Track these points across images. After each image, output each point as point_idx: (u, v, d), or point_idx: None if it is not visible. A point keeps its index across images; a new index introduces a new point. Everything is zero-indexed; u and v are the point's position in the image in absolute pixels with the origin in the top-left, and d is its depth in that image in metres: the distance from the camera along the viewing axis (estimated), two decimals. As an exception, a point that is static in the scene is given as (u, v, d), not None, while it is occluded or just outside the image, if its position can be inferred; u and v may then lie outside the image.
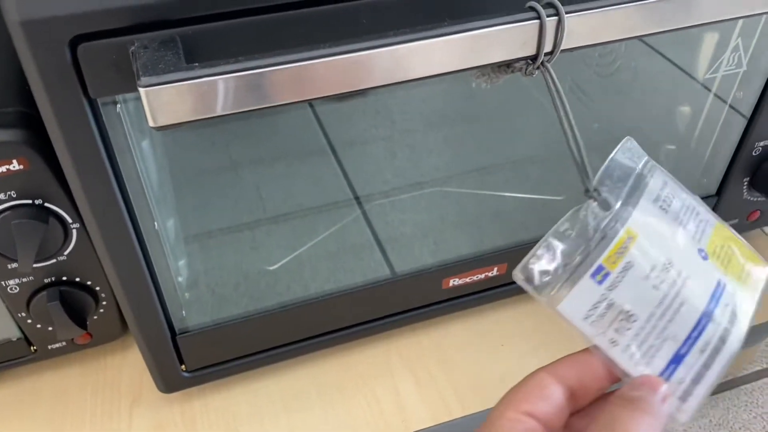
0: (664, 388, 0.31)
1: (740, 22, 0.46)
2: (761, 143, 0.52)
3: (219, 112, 0.29)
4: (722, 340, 0.34)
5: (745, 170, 0.54)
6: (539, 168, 0.63)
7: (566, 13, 0.31)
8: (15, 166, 0.39)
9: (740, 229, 0.59)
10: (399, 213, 0.61)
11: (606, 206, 0.34)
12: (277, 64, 0.29)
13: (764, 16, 0.44)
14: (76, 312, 0.46)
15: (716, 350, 0.33)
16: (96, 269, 0.46)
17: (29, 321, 0.47)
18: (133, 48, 0.29)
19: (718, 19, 0.35)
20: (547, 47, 0.32)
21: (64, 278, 0.45)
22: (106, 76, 0.31)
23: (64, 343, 0.50)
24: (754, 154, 0.52)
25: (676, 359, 0.33)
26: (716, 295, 0.34)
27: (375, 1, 0.32)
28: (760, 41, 0.47)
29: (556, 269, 0.33)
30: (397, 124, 0.64)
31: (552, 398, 0.31)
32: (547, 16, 0.31)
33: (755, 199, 0.56)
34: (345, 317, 0.53)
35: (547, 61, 0.32)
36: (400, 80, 0.31)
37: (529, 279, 0.33)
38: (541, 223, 0.56)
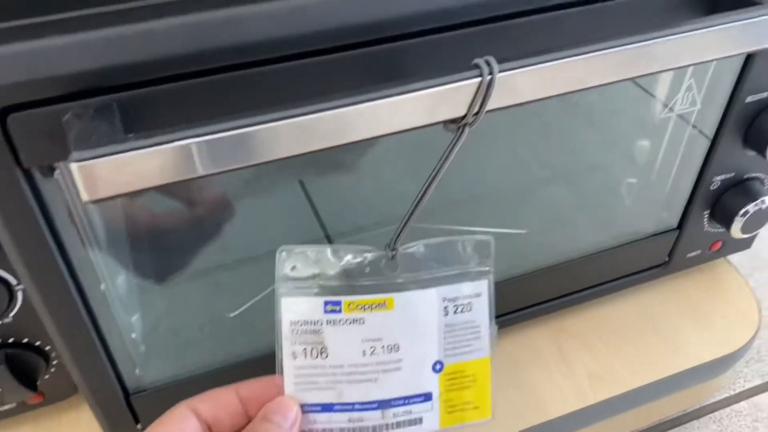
0: (294, 413, 0.35)
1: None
2: (719, 177, 0.52)
3: (156, 183, 0.28)
4: (374, 429, 0.36)
5: (704, 203, 0.54)
6: (503, 202, 0.63)
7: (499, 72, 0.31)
8: (-48, 230, 0.37)
9: (703, 259, 0.60)
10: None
11: (392, 268, 0.36)
12: (212, 133, 0.28)
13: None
14: (24, 373, 0.45)
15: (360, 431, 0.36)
16: (44, 328, 0.44)
17: (-24, 384, 0.45)
18: (66, 117, 0.28)
19: (659, 70, 0.34)
20: (475, 108, 0.31)
21: (11, 340, 0.44)
22: (39, 146, 0.29)
23: (14, 405, 0.48)
24: (712, 188, 0.52)
25: (326, 407, 0.36)
26: (409, 400, 0.37)
27: (310, 64, 0.31)
28: (712, 80, 0.47)
29: (311, 274, 0.35)
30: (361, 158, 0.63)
31: (188, 428, 0.33)
32: (473, 77, 0.31)
33: (716, 231, 0.56)
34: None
35: (470, 123, 0.32)
36: (342, 142, 0.30)
37: (283, 261, 0.35)
38: (507, 257, 0.56)
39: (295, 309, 0.35)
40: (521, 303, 0.57)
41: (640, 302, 0.60)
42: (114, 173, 0.27)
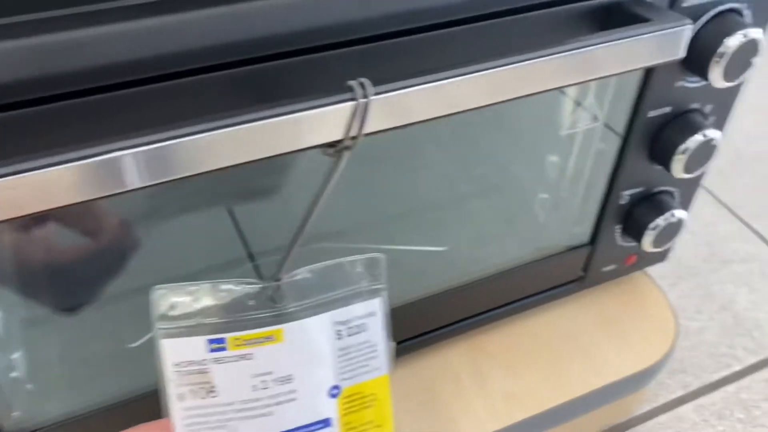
0: None
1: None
2: (627, 192, 0.52)
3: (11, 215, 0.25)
4: None
5: (616, 218, 0.54)
6: (422, 220, 0.62)
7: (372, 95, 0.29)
8: None
9: (619, 273, 0.59)
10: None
11: (278, 298, 0.35)
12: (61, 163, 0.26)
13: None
14: None
15: None
16: None
17: None
18: None
19: (546, 89, 0.33)
20: (353, 132, 0.30)
21: None
22: None
23: None
24: (621, 203, 0.52)
25: None
26: (309, 428, 0.36)
27: (172, 87, 0.30)
28: (615, 96, 0.46)
29: (191, 312, 0.33)
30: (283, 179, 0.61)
31: None
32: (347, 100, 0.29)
33: (629, 245, 0.56)
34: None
35: (349, 148, 0.30)
36: (206, 170, 0.29)
37: (160, 301, 0.33)
38: (426, 275, 0.55)
39: (178, 350, 0.34)
40: (438, 322, 0.55)
41: (558, 318, 0.59)
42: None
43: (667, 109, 0.47)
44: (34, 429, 0.42)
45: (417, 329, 0.54)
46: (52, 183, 0.26)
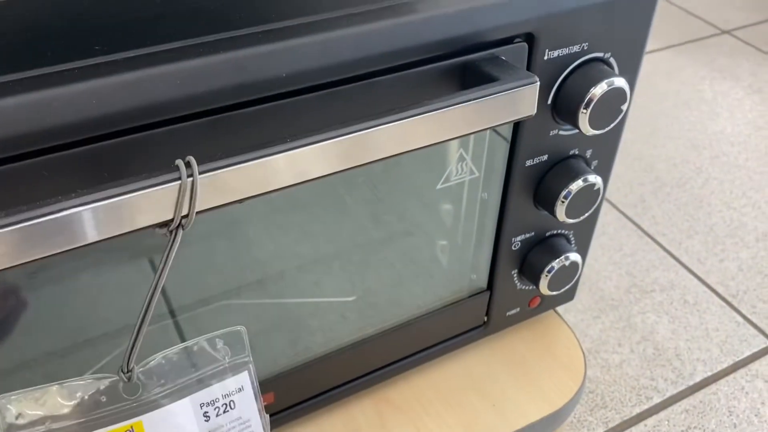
0: None
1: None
2: (518, 238, 0.52)
3: None
4: None
5: (512, 263, 0.54)
6: (327, 271, 0.61)
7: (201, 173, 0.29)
8: None
9: (525, 315, 0.59)
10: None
11: (133, 391, 0.33)
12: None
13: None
14: None
15: None
16: None
17: None
18: None
19: (380, 158, 0.33)
20: (184, 210, 0.29)
21: None
22: None
23: None
24: (514, 248, 0.52)
25: None
26: None
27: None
28: (490, 149, 0.47)
29: (39, 418, 0.32)
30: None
31: None
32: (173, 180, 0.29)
33: (529, 288, 0.56)
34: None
35: (182, 226, 0.30)
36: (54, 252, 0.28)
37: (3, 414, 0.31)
38: (330, 328, 0.54)
39: None
40: (342, 378, 0.55)
41: (465, 365, 0.59)
42: None
43: (544, 157, 0.47)
44: None
45: (317, 387, 0.53)
46: None
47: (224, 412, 0.35)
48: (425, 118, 0.33)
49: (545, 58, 0.42)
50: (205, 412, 0.35)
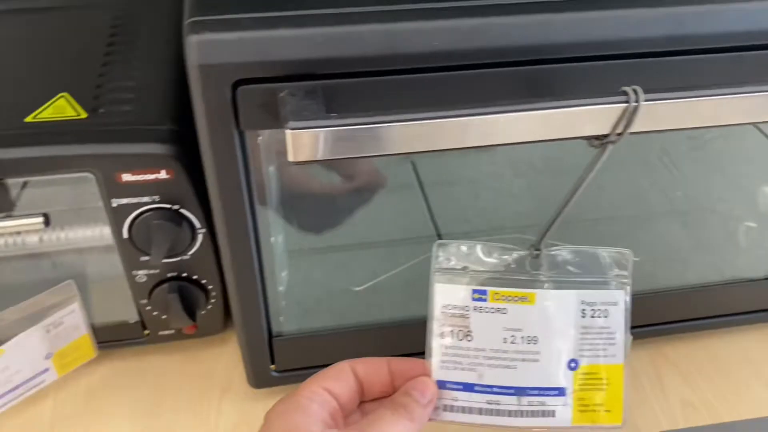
0: (431, 391, 0.39)
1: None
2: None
3: (346, 155, 0.34)
4: (509, 413, 0.40)
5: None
6: (613, 226, 0.66)
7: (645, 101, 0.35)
8: (162, 175, 0.46)
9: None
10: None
11: (535, 267, 0.40)
12: (392, 121, 0.34)
13: None
14: (188, 305, 0.53)
15: (497, 413, 0.40)
16: (211, 270, 0.52)
17: (148, 308, 0.54)
18: (282, 94, 0.35)
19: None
20: (619, 129, 0.36)
21: (184, 275, 0.52)
22: (255, 114, 0.37)
23: (172, 331, 0.57)
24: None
25: (467, 386, 0.40)
26: (544, 391, 0.40)
27: (483, 74, 0.37)
28: None
29: (463, 264, 0.40)
30: (483, 167, 0.68)
31: (347, 383, 0.39)
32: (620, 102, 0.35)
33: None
34: (415, 343, 0.57)
35: (612, 141, 0.36)
36: (500, 143, 0.36)
37: (438, 255, 0.40)
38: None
39: (447, 294, 0.40)
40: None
41: (744, 342, 0.61)
42: (318, 143, 0.34)
43: None
44: (284, 334, 0.52)
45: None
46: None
47: (598, 316, 0.40)
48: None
49: None
50: (583, 309, 0.40)
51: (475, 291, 0.40)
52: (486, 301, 0.40)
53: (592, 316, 0.40)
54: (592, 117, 0.36)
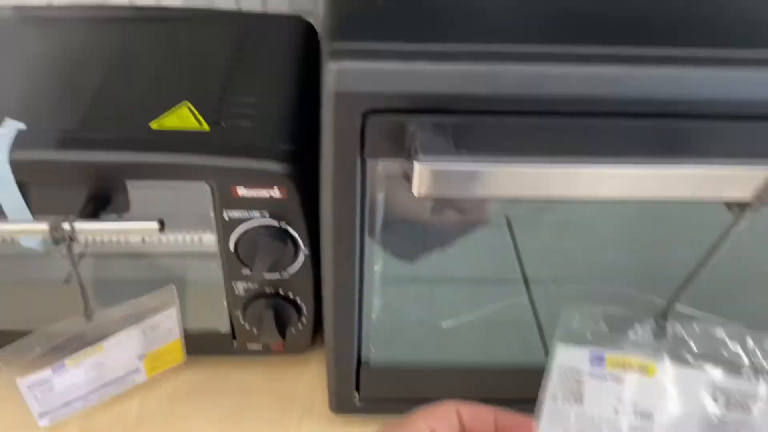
0: None
1: None
2: None
3: (472, 194, 0.34)
4: None
5: None
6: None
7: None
8: (275, 192, 0.47)
9: None
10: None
11: (659, 336, 0.38)
12: (526, 164, 0.34)
13: None
14: (281, 322, 0.53)
15: None
16: (307, 290, 0.52)
17: (241, 320, 0.54)
18: (412, 128, 0.35)
19: None
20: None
21: (281, 292, 0.52)
22: (381, 143, 0.37)
23: (260, 346, 0.57)
24: None
25: None
26: None
27: (618, 124, 0.36)
28: None
29: (587, 329, 0.39)
30: (575, 216, 0.66)
31: (451, 426, 0.37)
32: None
33: None
34: (498, 389, 0.55)
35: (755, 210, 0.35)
36: (637, 197, 0.35)
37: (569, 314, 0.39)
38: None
39: (567, 357, 0.38)
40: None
41: None
42: (444, 179, 0.33)
43: None
44: (379, 363, 0.51)
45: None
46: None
47: (734, 409, 0.36)
48: None
49: None
50: (714, 394, 0.36)
51: (593, 355, 0.38)
52: (603, 367, 0.38)
53: (726, 407, 0.36)
54: (735, 179, 0.35)
